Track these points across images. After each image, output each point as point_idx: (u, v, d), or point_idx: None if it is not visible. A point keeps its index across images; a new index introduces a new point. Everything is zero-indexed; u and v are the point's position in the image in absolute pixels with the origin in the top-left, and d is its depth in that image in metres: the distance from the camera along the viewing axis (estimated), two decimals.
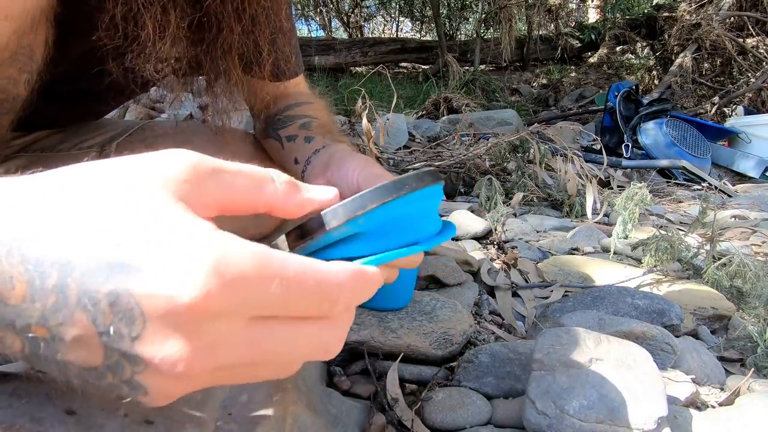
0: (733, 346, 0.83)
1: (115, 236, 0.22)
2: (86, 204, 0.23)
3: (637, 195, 1.14)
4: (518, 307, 0.92)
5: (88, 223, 0.23)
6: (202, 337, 0.23)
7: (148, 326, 0.22)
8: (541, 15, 6.08)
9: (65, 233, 0.22)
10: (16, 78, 0.46)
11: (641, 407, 0.51)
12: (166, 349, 0.22)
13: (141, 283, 0.22)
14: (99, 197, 0.23)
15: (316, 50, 5.56)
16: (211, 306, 0.22)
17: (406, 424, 0.56)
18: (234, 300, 0.23)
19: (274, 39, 0.57)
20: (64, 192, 0.24)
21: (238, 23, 0.51)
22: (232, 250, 0.23)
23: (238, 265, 0.22)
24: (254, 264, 0.23)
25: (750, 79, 4.17)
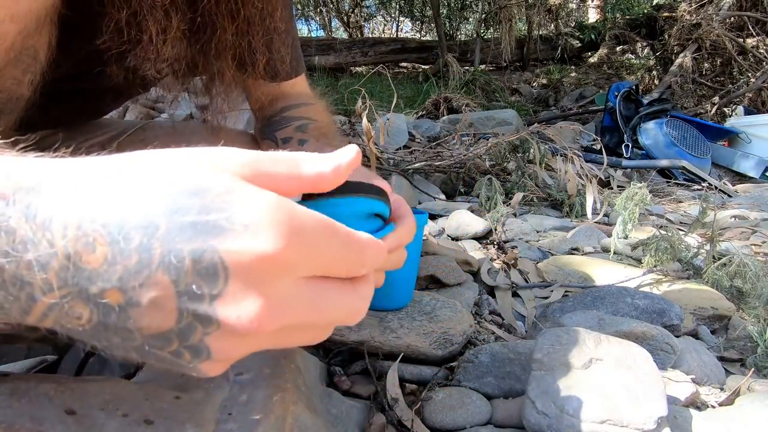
0: (733, 346, 0.83)
1: (196, 201, 0.24)
2: (163, 176, 0.25)
3: (637, 195, 1.14)
4: (518, 307, 0.92)
5: (167, 192, 0.24)
6: (276, 292, 0.25)
7: (230, 283, 0.23)
8: (541, 15, 6.08)
9: (146, 201, 0.23)
10: (20, 79, 0.46)
11: (641, 407, 0.51)
12: (245, 305, 0.24)
13: (225, 240, 0.23)
14: (171, 169, 0.25)
15: (316, 50, 5.56)
16: (288, 258, 0.24)
17: (406, 424, 0.56)
18: (303, 253, 0.25)
19: (269, 40, 0.57)
20: (136, 168, 0.25)
21: (232, 24, 0.51)
22: (298, 209, 0.25)
23: (306, 221, 0.25)
24: (317, 221, 0.26)
25: (750, 79, 4.17)
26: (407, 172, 1.94)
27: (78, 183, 0.24)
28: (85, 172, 0.25)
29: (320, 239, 0.26)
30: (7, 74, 0.45)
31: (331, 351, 0.68)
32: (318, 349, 0.69)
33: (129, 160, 0.26)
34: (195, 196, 0.24)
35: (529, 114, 4.50)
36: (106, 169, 0.25)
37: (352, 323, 0.31)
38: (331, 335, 0.66)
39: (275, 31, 0.57)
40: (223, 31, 0.51)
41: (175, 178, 0.25)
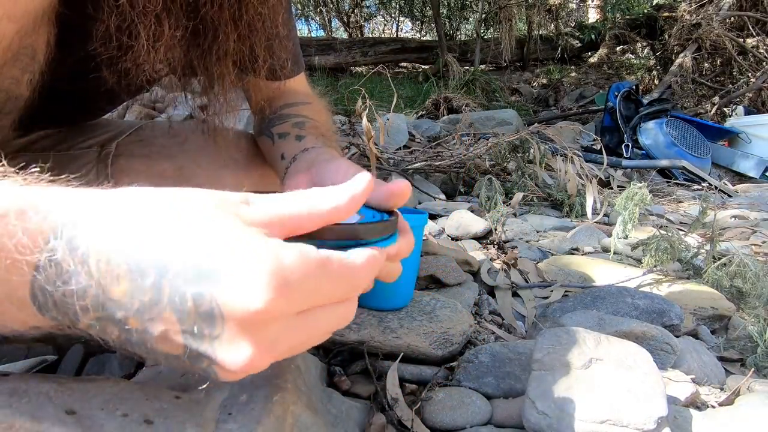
0: (733, 346, 0.83)
1: (199, 249, 0.26)
2: (174, 220, 0.28)
3: (637, 195, 1.14)
4: (518, 307, 0.92)
5: (176, 236, 0.27)
6: (266, 336, 0.27)
7: (226, 328, 0.26)
8: (541, 15, 6.08)
9: (158, 243, 0.26)
10: (18, 78, 0.46)
11: (641, 407, 0.51)
12: (239, 350, 0.27)
13: (222, 290, 0.26)
14: (183, 216, 0.28)
15: (316, 50, 5.56)
16: (277, 309, 0.26)
17: (406, 424, 0.56)
18: (293, 300, 0.27)
19: (270, 45, 0.57)
20: (150, 206, 0.28)
21: (234, 29, 0.51)
22: (285, 255, 0.27)
23: (298, 269, 0.27)
24: (309, 263, 0.28)
25: (750, 79, 4.17)
26: (407, 172, 1.94)
27: (107, 219, 0.27)
28: (115, 207, 0.28)
29: (312, 282, 0.28)
30: (6, 73, 0.45)
31: (331, 351, 0.68)
32: (318, 349, 0.69)
33: (153, 197, 0.29)
34: (202, 244, 0.26)
35: (529, 114, 4.50)
36: (130, 206, 0.28)
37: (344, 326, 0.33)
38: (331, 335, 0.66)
39: (277, 36, 0.57)
40: (225, 37, 0.51)
41: (190, 223, 0.27)
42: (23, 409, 0.30)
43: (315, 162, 0.56)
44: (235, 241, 0.27)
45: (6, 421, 0.29)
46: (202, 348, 0.27)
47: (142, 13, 0.44)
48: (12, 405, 0.30)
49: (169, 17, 0.46)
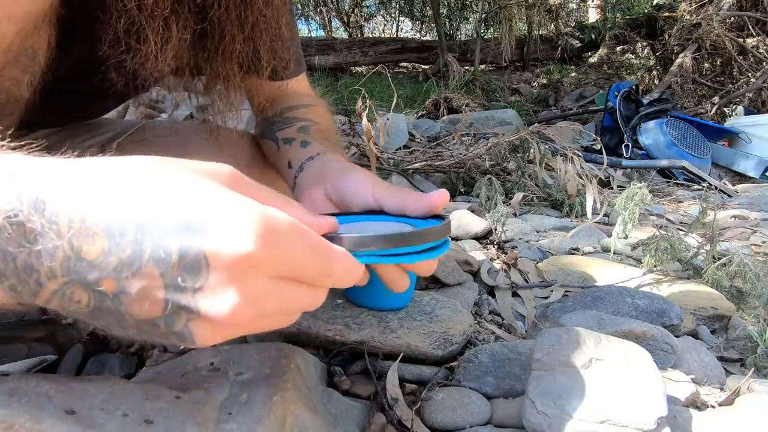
0: (733, 346, 0.83)
1: (184, 204, 0.26)
2: (155, 180, 0.27)
3: (637, 195, 1.14)
4: (518, 307, 0.92)
5: (158, 195, 0.27)
6: (251, 288, 0.27)
7: (210, 278, 0.26)
8: (541, 15, 6.08)
9: (140, 201, 0.26)
10: (19, 79, 0.46)
11: (641, 407, 0.51)
12: (223, 299, 0.27)
13: (209, 240, 0.26)
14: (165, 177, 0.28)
15: (316, 50, 5.56)
16: (262, 257, 0.27)
17: (406, 424, 0.56)
18: (276, 254, 0.28)
19: (274, 46, 0.57)
20: (130, 170, 0.28)
21: (241, 31, 0.51)
22: (273, 213, 0.28)
23: (279, 223, 0.28)
24: (290, 224, 0.29)
25: (750, 79, 4.16)
26: (407, 172, 1.94)
27: (83, 182, 0.27)
28: (90, 172, 0.27)
29: (292, 242, 0.29)
30: (6, 75, 0.45)
31: (331, 351, 0.68)
32: (318, 349, 0.69)
33: (132, 162, 0.29)
34: (186, 201, 0.27)
35: (529, 114, 4.50)
36: (110, 170, 0.28)
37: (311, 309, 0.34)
38: (331, 335, 0.66)
39: (280, 38, 0.57)
40: (231, 39, 0.51)
41: (172, 182, 0.27)
42: (23, 409, 0.30)
43: (326, 173, 0.57)
44: (222, 197, 0.27)
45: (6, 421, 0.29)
46: (184, 301, 0.26)
47: (150, 17, 0.44)
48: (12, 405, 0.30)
49: (177, 20, 0.46)
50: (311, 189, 0.56)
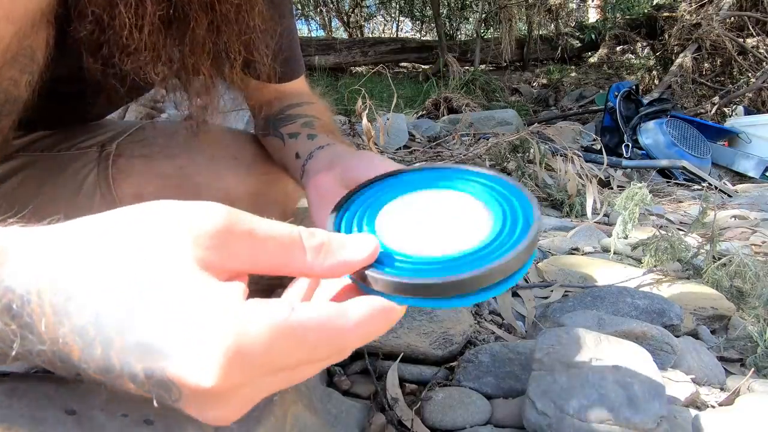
0: (733, 346, 0.83)
1: (148, 318, 0.24)
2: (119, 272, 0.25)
3: (637, 195, 1.14)
4: (518, 307, 0.92)
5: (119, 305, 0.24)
6: (235, 402, 0.25)
7: (184, 396, 0.24)
8: (541, 15, 6.08)
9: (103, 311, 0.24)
10: (17, 79, 0.46)
11: (641, 407, 0.51)
12: (202, 413, 0.25)
13: (171, 365, 0.23)
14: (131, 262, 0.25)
15: (316, 50, 5.56)
16: (234, 384, 0.24)
17: (406, 424, 0.56)
18: (255, 372, 0.24)
19: (246, 39, 0.55)
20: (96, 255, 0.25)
21: (206, 17, 0.49)
22: (249, 331, 0.24)
23: (255, 345, 0.24)
24: (272, 338, 0.24)
25: (750, 79, 4.17)
26: None
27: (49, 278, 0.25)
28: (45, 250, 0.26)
29: (284, 352, 0.25)
30: (4, 75, 0.45)
31: None
32: None
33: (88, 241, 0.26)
34: (143, 313, 0.24)
35: (529, 114, 4.50)
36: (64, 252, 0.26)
37: None
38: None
39: (254, 30, 0.55)
40: (198, 25, 0.49)
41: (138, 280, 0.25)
42: (23, 409, 0.30)
43: (337, 159, 0.55)
44: (188, 307, 0.24)
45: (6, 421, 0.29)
46: (170, 403, 0.25)
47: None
48: (12, 405, 0.30)
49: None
50: (318, 175, 0.55)
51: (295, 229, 0.29)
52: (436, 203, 0.37)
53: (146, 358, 0.24)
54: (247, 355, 0.23)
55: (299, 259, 0.29)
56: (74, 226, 0.27)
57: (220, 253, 0.26)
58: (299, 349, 0.25)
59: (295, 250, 0.28)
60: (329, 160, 0.56)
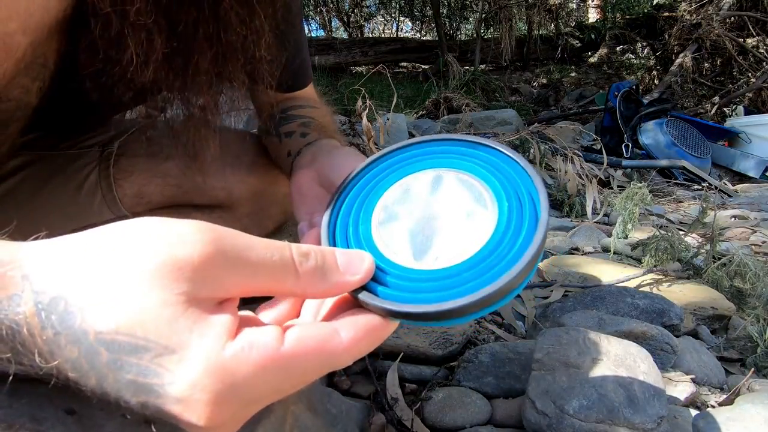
0: (733, 346, 0.83)
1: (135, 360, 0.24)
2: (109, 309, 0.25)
3: (637, 195, 1.14)
4: (518, 307, 0.92)
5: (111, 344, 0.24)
6: (230, 424, 0.26)
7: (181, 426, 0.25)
8: (541, 15, 6.08)
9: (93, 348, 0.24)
10: (29, 87, 0.46)
11: (641, 407, 0.51)
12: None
13: (165, 402, 0.24)
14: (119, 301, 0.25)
15: (316, 50, 5.56)
16: (224, 422, 0.25)
17: (406, 424, 0.56)
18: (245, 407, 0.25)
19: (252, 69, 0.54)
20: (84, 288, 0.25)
21: (210, 50, 0.49)
22: (236, 373, 0.24)
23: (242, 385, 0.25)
24: (258, 376, 0.25)
25: (750, 79, 4.17)
26: None
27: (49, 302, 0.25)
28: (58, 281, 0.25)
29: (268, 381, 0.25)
30: (17, 83, 0.45)
31: None
32: None
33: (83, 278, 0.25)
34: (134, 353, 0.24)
35: (529, 114, 4.50)
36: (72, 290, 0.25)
37: None
38: None
39: (259, 60, 0.54)
40: (201, 57, 0.49)
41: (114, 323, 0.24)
42: (23, 409, 0.30)
43: (317, 155, 0.55)
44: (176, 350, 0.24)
45: (6, 421, 0.29)
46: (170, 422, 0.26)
47: (132, 26, 0.42)
48: (12, 405, 0.30)
49: (159, 33, 0.44)
50: (300, 172, 0.55)
51: (287, 252, 0.28)
52: (435, 191, 0.34)
53: (140, 395, 0.24)
54: (236, 395, 0.24)
55: (291, 283, 0.28)
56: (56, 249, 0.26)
57: (204, 285, 0.25)
58: (289, 378, 0.26)
59: (287, 275, 0.28)
60: (312, 156, 0.56)
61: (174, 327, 0.24)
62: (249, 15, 0.49)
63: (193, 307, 0.25)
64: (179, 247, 0.25)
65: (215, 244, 0.26)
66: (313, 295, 0.29)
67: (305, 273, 0.28)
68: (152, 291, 0.25)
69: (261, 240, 0.28)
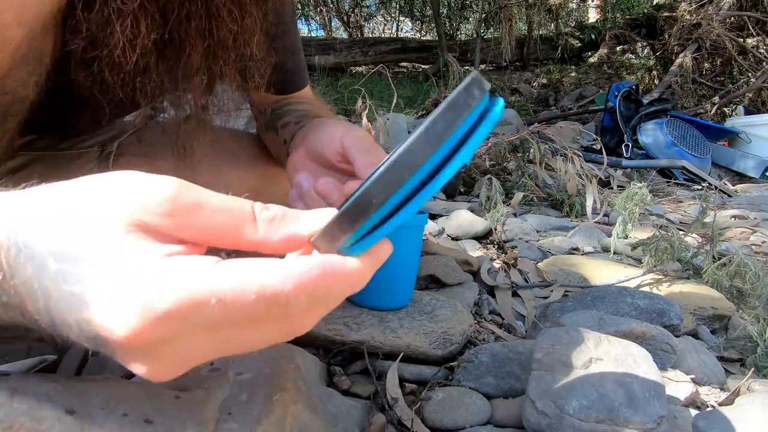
0: (733, 346, 0.83)
1: (75, 269, 0.25)
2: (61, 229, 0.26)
3: (637, 195, 1.14)
4: (518, 307, 0.92)
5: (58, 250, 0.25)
6: (157, 357, 0.25)
7: (115, 349, 0.25)
8: (541, 15, 6.08)
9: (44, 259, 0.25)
10: (25, 80, 0.46)
11: (641, 407, 0.51)
12: (135, 367, 0.26)
13: (94, 315, 0.25)
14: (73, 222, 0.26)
15: (316, 50, 5.56)
16: (145, 338, 0.24)
17: (406, 424, 0.56)
18: (171, 329, 0.24)
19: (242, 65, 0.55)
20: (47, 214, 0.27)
21: (202, 43, 0.49)
22: (161, 291, 0.24)
23: (165, 303, 0.24)
24: (182, 298, 0.24)
25: (750, 79, 4.17)
26: None
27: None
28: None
29: (193, 312, 0.24)
30: (14, 76, 0.45)
31: (331, 351, 0.68)
32: (318, 349, 0.69)
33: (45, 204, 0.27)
34: (74, 267, 0.25)
35: (529, 114, 4.50)
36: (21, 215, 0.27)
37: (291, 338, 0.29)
38: (331, 335, 0.66)
39: (251, 58, 0.54)
40: (194, 51, 0.49)
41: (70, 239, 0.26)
42: (23, 409, 0.30)
43: (307, 133, 0.56)
44: (112, 264, 0.25)
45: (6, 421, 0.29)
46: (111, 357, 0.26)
47: (119, 10, 0.43)
48: (12, 405, 0.30)
49: (145, 18, 0.44)
50: (293, 154, 0.55)
51: (247, 203, 0.29)
52: None
53: (75, 308, 0.25)
54: (155, 308, 0.24)
55: (250, 230, 0.28)
56: (38, 189, 0.28)
57: (166, 221, 0.26)
58: (219, 303, 0.24)
59: (246, 222, 0.28)
60: (303, 136, 0.57)
61: (119, 240, 0.25)
62: (241, 13, 0.50)
63: (143, 233, 0.26)
64: (147, 187, 0.27)
65: (180, 188, 0.27)
66: (273, 245, 0.29)
67: (263, 221, 0.28)
68: (110, 215, 0.26)
69: (225, 195, 0.29)
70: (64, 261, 0.25)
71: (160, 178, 0.27)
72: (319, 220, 0.29)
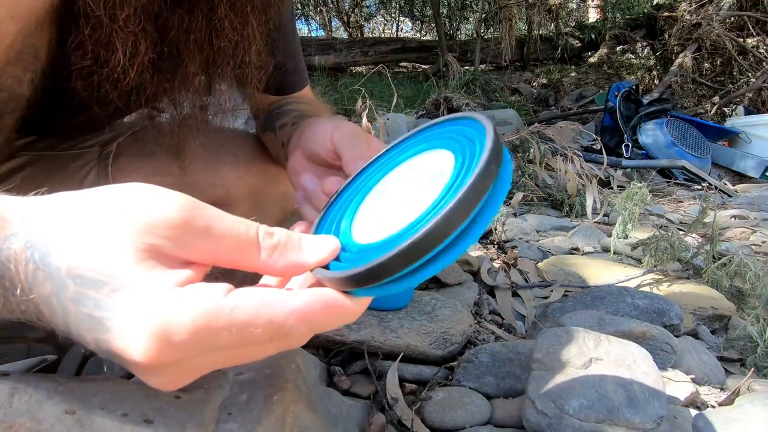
0: (733, 346, 0.83)
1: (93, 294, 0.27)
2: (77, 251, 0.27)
3: (637, 195, 1.14)
4: (518, 307, 0.92)
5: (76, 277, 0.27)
6: (176, 373, 0.28)
7: (130, 364, 0.27)
8: (541, 15, 6.07)
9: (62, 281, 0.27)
10: (20, 77, 0.46)
11: (641, 407, 0.51)
12: (150, 381, 0.28)
13: (113, 338, 0.26)
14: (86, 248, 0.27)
15: (316, 50, 5.55)
16: (161, 361, 0.26)
17: (406, 424, 0.56)
18: (183, 353, 0.27)
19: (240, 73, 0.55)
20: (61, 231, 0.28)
21: (200, 55, 0.50)
22: (174, 317, 0.26)
23: (181, 335, 0.26)
24: (197, 324, 0.26)
25: (750, 79, 4.17)
26: None
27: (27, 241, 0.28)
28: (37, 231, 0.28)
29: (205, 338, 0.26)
30: (8, 73, 0.45)
31: (331, 351, 0.68)
32: (318, 349, 0.69)
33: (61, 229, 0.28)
34: (94, 287, 0.27)
35: (529, 114, 4.50)
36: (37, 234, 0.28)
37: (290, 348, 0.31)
38: (331, 335, 0.66)
39: (249, 66, 0.55)
40: (191, 62, 0.49)
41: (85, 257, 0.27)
42: (23, 409, 0.30)
43: (302, 133, 0.56)
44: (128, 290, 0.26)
45: (6, 421, 0.29)
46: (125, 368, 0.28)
47: (121, 29, 0.43)
48: (12, 405, 0.30)
49: (145, 38, 0.45)
50: (291, 156, 0.55)
51: (252, 228, 0.30)
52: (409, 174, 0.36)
53: (94, 329, 0.27)
54: (172, 338, 0.26)
55: (254, 257, 0.30)
56: (51, 200, 0.29)
57: (173, 244, 0.28)
58: (229, 333, 0.27)
59: (250, 249, 0.30)
60: (298, 137, 0.57)
61: (133, 269, 0.27)
62: (242, 23, 0.50)
63: (156, 259, 0.28)
64: (157, 208, 0.28)
65: (190, 211, 0.28)
66: (276, 271, 0.31)
67: (267, 248, 0.30)
68: (125, 239, 0.27)
69: (233, 216, 0.30)
70: (82, 285, 0.27)
71: (170, 198, 0.29)
72: (321, 249, 0.32)
